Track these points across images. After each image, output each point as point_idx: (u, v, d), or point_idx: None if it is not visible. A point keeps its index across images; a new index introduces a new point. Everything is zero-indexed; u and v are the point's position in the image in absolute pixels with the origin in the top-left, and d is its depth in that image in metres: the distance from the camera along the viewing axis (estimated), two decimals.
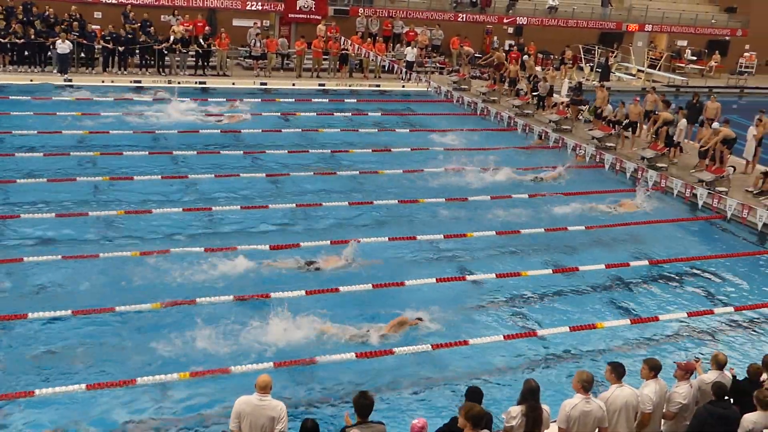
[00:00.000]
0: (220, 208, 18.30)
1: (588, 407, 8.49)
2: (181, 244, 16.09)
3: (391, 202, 19.45)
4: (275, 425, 8.31)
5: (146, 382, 11.06)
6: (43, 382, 11.10)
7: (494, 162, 22.80)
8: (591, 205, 20.11)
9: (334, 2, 38.02)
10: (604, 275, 16.43)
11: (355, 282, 14.31)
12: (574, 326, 13.62)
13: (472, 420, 7.66)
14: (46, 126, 23.05)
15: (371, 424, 8.05)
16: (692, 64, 43.97)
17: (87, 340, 12.51)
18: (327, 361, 11.84)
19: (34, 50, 29.76)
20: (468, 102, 30.32)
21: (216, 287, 14.08)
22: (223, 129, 25.09)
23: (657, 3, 45.75)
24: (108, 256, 14.78)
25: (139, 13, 32.32)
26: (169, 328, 12.65)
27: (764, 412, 8.63)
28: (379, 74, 34.73)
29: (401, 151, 23.86)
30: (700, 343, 13.98)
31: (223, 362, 11.69)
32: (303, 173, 21.12)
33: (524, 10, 42.39)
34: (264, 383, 8.43)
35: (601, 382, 9.79)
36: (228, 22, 35.35)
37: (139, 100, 27.67)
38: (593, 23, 43.56)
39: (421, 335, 13.11)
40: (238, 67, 34.01)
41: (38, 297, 13.69)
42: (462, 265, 16.47)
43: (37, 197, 18.02)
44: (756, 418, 8.65)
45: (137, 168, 20.34)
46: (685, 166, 24.24)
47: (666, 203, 21.24)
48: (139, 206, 17.94)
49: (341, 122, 27.38)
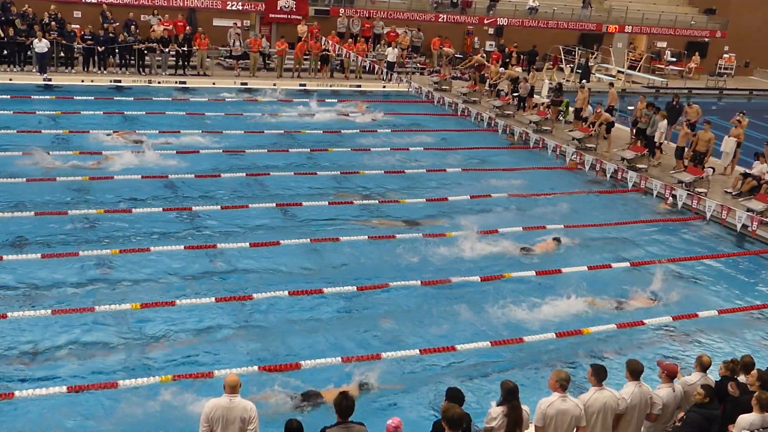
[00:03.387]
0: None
1: (564, 405, 8.50)
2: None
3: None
4: (246, 426, 8.24)
5: (128, 385, 11.01)
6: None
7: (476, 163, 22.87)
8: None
9: (314, 2, 37.93)
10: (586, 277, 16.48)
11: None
12: (561, 332, 13.60)
13: (450, 422, 7.71)
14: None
15: (351, 424, 8.02)
16: (672, 66, 44.25)
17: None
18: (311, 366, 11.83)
19: (13, 49, 29.53)
20: (449, 102, 30.38)
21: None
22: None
23: (636, 4, 45.99)
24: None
25: (121, 12, 32.13)
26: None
27: (761, 413, 8.62)
28: (360, 74, 34.72)
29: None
30: (682, 345, 14.02)
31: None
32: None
33: (505, 11, 42.46)
34: (233, 383, 8.33)
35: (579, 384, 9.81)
36: (208, 22, 35.17)
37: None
38: (573, 24, 43.70)
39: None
40: (219, 67, 33.90)
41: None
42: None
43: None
44: (752, 419, 8.64)
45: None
46: (665, 167, 24.41)
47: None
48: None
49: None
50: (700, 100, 28.22)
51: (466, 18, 41.39)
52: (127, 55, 31.04)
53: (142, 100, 27.57)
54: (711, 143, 23.08)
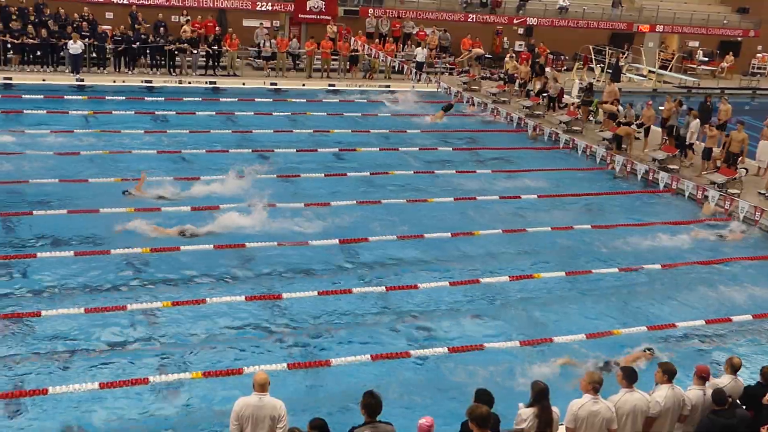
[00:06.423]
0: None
1: (596, 407, 8.45)
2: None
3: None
4: (276, 424, 8.23)
5: (159, 382, 11.14)
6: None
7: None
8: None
9: (344, 3, 38.02)
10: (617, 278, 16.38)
11: None
12: (591, 333, 13.47)
13: (478, 421, 7.67)
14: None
15: (379, 424, 7.99)
16: (704, 65, 43.78)
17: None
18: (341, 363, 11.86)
19: (47, 51, 29.92)
20: (478, 102, 30.27)
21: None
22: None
23: (668, 3, 45.55)
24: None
25: (151, 13, 32.44)
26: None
27: None
28: (389, 75, 34.72)
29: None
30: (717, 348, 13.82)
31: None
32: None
33: (534, 11, 42.27)
34: (262, 381, 8.30)
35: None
36: (238, 22, 35.39)
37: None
38: (604, 24, 43.40)
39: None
40: (248, 68, 34.07)
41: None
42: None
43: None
44: None
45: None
46: (697, 168, 24.12)
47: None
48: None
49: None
50: (733, 100, 27.78)
51: (496, 18, 41.24)
52: (157, 55, 31.33)
53: (172, 101, 27.79)
54: (745, 144, 22.81)
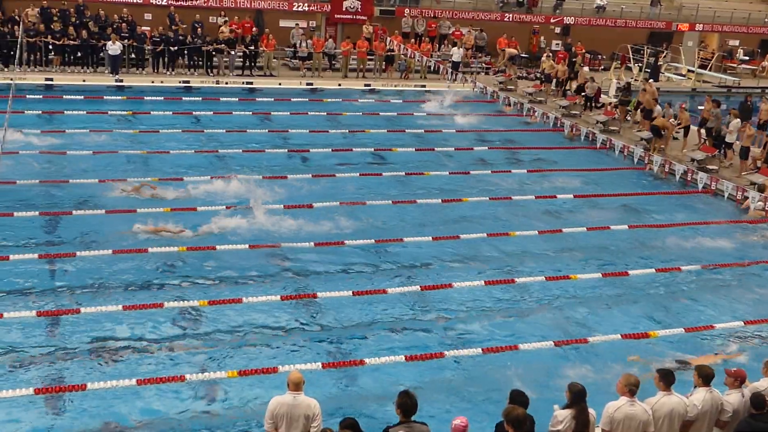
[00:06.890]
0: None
1: (632, 410, 8.36)
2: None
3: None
4: (310, 423, 8.25)
5: (195, 380, 11.25)
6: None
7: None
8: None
9: (380, 3, 38.07)
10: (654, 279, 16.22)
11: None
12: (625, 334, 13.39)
13: (514, 423, 7.64)
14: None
15: (414, 424, 7.97)
16: (744, 65, 43.09)
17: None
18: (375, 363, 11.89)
19: (87, 51, 30.36)
20: (514, 102, 30.13)
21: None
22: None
23: (708, 2, 44.88)
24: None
25: (189, 14, 32.76)
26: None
27: None
28: (425, 75, 34.69)
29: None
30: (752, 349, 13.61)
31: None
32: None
33: (572, 10, 41.96)
34: (297, 380, 8.33)
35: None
36: (275, 23, 35.61)
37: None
38: (642, 23, 42.93)
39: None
40: (285, 68, 34.26)
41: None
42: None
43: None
44: None
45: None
46: (736, 168, 23.78)
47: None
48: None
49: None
50: None
51: (532, 17, 41.01)
52: (195, 56, 31.64)
53: (209, 101, 28.03)
54: None
